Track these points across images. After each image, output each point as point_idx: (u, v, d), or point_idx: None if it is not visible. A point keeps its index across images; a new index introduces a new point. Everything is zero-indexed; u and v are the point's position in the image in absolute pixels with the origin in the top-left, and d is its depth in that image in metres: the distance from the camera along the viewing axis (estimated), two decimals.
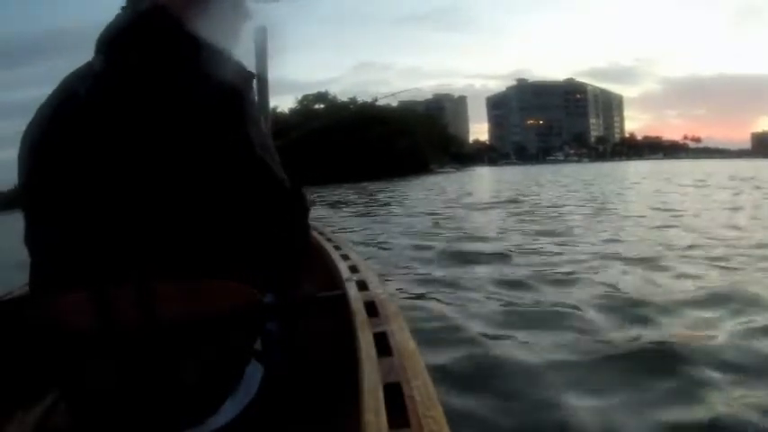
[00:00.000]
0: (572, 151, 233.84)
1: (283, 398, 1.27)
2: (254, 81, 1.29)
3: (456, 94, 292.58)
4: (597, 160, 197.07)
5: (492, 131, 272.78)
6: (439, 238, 9.54)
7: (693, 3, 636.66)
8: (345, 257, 2.20)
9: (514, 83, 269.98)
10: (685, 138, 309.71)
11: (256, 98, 1.30)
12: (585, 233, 9.55)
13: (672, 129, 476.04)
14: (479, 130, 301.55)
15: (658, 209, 13.57)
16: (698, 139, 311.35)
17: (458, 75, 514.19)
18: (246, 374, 1.18)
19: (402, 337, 1.24)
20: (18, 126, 1.27)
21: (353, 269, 1.96)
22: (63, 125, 1.16)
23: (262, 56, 1.58)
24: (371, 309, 1.45)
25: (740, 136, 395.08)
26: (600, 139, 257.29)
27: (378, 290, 1.64)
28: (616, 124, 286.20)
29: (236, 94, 1.17)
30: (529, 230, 10.27)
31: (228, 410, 1.14)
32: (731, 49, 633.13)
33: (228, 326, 1.14)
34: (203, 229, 1.11)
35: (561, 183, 32.02)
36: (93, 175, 1.10)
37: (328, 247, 2.47)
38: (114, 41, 1.21)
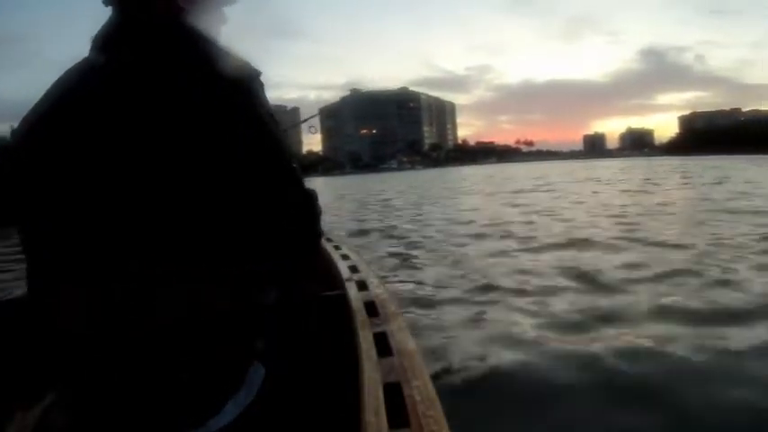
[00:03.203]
0: (406, 159, 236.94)
1: (283, 398, 1.26)
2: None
3: (289, 106, 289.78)
4: (431, 167, 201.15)
5: (325, 141, 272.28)
6: None
7: (526, 12, 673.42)
8: (345, 257, 2.21)
9: (348, 93, 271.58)
10: (518, 142, 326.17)
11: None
12: None
13: (505, 133, 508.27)
14: (313, 141, 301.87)
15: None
16: (531, 143, 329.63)
17: (291, 86, 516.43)
18: (248, 375, 1.18)
19: (402, 337, 1.25)
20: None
21: (353, 269, 1.98)
22: (63, 121, 1.15)
23: None
24: (371, 309, 1.47)
25: (573, 138, 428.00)
26: (434, 146, 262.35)
27: (378, 290, 1.67)
28: (449, 131, 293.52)
29: (237, 89, 1.16)
30: None
31: (230, 411, 1.13)
32: (564, 56, 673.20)
33: (230, 326, 1.14)
34: (205, 228, 1.10)
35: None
36: (93, 171, 1.10)
37: (328, 247, 2.47)
38: (114, 38, 1.20)
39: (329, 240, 2.69)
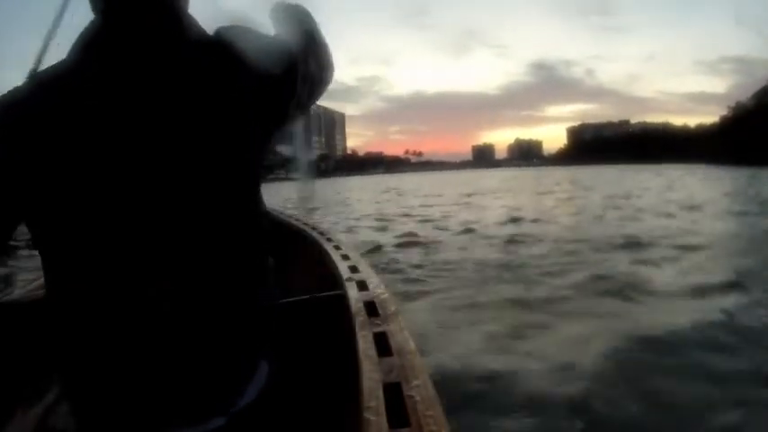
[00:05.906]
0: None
1: (284, 398, 1.26)
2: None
3: None
4: (318, 177, 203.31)
5: None
6: None
7: (418, 25, 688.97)
8: (345, 257, 2.21)
9: None
10: (407, 152, 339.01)
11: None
12: None
13: (394, 144, 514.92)
14: None
15: None
16: (420, 153, 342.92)
17: None
18: (251, 375, 1.18)
19: (402, 337, 1.24)
20: None
21: (353, 269, 1.97)
22: (66, 127, 1.06)
23: None
24: (371, 309, 1.46)
25: (462, 149, 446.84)
26: (322, 157, 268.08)
27: (378, 290, 1.66)
28: (338, 141, 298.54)
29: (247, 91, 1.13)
30: None
31: (233, 411, 1.13)
32: (455, 68, 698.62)
33: (233, 325, 1.13)
34: (209, 228, 1.10)
35: None
36: (100, 173, 1.05)
37: (328, 247, 2.48)
38: (108, 40, 1.11)
39: (329, 240, 2.70)
